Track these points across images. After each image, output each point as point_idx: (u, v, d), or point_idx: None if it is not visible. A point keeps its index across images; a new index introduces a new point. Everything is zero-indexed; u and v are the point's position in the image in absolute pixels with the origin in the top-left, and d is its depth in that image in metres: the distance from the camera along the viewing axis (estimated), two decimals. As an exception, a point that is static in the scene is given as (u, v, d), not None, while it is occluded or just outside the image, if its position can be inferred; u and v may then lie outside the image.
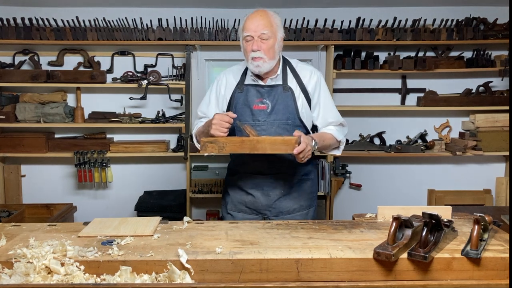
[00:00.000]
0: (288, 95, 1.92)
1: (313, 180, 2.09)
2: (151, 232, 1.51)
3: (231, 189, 2.07)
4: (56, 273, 1.23)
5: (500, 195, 3.78)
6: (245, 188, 2.00)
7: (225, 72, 2.06)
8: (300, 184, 2.01)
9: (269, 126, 1.89)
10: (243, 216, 2.01)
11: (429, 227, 1.32)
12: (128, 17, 3.47)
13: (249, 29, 1.84)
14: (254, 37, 1.84)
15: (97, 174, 3.59)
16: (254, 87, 1.94)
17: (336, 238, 1.46)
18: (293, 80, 1.95)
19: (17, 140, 3.52)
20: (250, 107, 1.91)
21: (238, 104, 1.94)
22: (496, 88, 3.72)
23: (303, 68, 2.00)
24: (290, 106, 1.91)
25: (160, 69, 3.58)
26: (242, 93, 1.94)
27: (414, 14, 3.56)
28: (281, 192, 1.98)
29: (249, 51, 1.85)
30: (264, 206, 1.98)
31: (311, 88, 1.96)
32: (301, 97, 1.94)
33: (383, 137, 3.78)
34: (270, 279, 1.27)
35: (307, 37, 3.48)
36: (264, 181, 1.97)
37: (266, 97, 1.92)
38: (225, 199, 2.10)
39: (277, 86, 1.93)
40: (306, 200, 2.04)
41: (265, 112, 1.90)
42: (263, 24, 1.84)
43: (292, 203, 2.00)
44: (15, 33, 3.40)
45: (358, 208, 2.62)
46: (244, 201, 2.02)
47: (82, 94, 3.61)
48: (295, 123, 1.92)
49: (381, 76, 3.74)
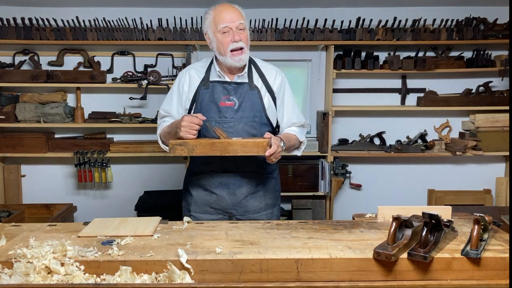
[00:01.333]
0: (255, 93, 1.91)
1: (276, 178, 2.08)
2: (151, 232, 1.51)
3: (194, 189, 2.01)
4: (56, 273, 1.23)
5: (500, 195, 3.78)
6: (209, 187, 1.95)
7: (187, 69, 2.01)
8: (265, 183, 2.00)
9: (236, 123, 1.87)
10: (207, 217, 1.95)
11: (429, 227, 1.32)
12: (128, 17, 3.47)
13: (226, 20, 1.80)
14: (232, 28, 1.80)
15: (97, 174, 3.59)
16: (220, 84, 1.91)
17: (336, 238, 1.46)
18: (259, 79, 1.94)
19: (17, 140, 3.52)
20: (217, 104, 1.88)
21: (204, 100, 1.89)
22: (496, 88, 3.72)
23: (268, 68, 1.99)
24: (257, 104, 1.90)
25: (160, 69, 3.58)
26: (207, 89, 1.90)
27: (414, 14, 3.56)
28: (248, 190, 1.95)
29: (228, 43, 1.81)
30: (230, 205, 1.95)
31: (277, 88, 1.96)
32: (267, 95, 1.94)
33: (383, 137, 3.78)
34: (270, 279, 1.27)
35: (307, 37, 3.48)
36: (231, 179, 1.93)
37: (233, 94, 1.89)
38: (187, 200, 2.05)
39: (244, 83, 1.91)
40: (271, 198, 2.03)
41: (232, 109, 1.88)
42: (237, 15, 1.82)
43: (258, 202, 1.98)
44: (15, 33, 3.40)
45: (358, 208, 2.61)
46: (208, 201, 1.97)
47: (82, 94, 3.61)
48: (262, 121, 1.91)
49: (381, 76, 3.74)
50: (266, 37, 3.48)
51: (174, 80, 3.54)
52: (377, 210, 1.70)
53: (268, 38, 3.48)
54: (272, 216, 2.03)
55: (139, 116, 3.64)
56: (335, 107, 3.59)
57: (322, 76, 3.73)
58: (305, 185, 3.53)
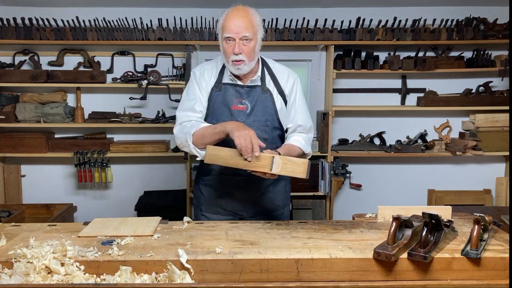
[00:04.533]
0: (267, 96, 1.89)
1: (286, 179, 2.06)
2: (151, 232, 1.51)
3: (205, 189, 1.98)
4: (56, 273, 1.23)
5: (500, 195, 3.78)
6: (221, 189, 1.94)
7: (201, 67, 1.95)
8: (275, 184, 1.99)
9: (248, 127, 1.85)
10: (218, 218, 1.93)
11: (429, 227, 1.32)
12: (128, 17, 3.47)
13: (230, 30, 1.75)
14: (235, 39, 1.75)
15: (97, 174, 3.59)
16: (232, 87, 1.88)
17: (336, 238, 1.46)
18: (271, 82, 1.92)
19: (17, 140, 3.52)
20: (229, 107, 1.86)
21: (216, 103, 1.87)
22: (496, 88, 3.72)
23: (280, 69, 1.96)
24: (269, 108, 1.88)
25: (160, 69, 3.58)
26: (220, 91, 1.87)
27: (414, 14, 3.55)
28: (258, 193, 1.94)
29: (229, 53, 1.78)
30: (241, 207, 1.94)
31: (288, 91, 1.93)
32: (279, 99, 1.91)
33: (383, 137, 3.78)
34: (270, 279, 1.27)
35: (307, 37, 3.48)
36: (241, 182, 1.91)
37: (245, 97, 1.87)
38: (199, 200, 2.02)
39: (256, 87, 1.89)
40: (281, 200, 2.02)
41: (244, 113, 1.86)
42: (245, 26, 1.75)
43: (268, 203, 1.97)
44: (15, 33, 3.40)
45: (358, 208, 2.62)
46: (220, 202, 1.95)
47: (82, 94, 3.61)
48: (273, 125, 1.89)
49: (381, 76, 3.74)
50: (266, 37, 3.48)
51: (174, 80, 3.58)
52: (377, 210, 1.70)
53: (268, 38, 3.48)
54: (282, 217, 2.01)
55: (139, 116, 3.64)
56: (335, 107, 3.59)
57: (322, 76, 3.73)
58: (305, 185, 3.53)
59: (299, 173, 1.59)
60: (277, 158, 1.59)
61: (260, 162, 1.59)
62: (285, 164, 1.59)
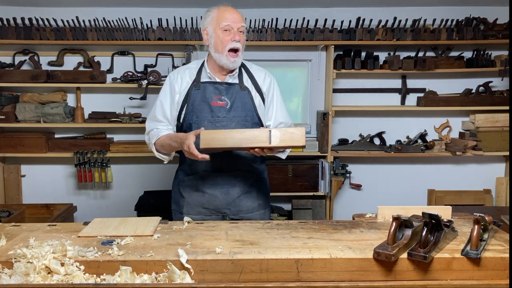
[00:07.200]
0: (245, 93, 1.94)
1: (266, 180, 2.10)
2: (151, 232, 1.51)
3: (185, 191, 2.00)
4: (56, 273, 1.23)
5: (500, 195, 3.78)
6: (202, 188, 1.96)
7: (177, 70, 2.02)
8: (258, 183, 2.03)
9: (228, 123, 1.90)
10: (201, 218, 1.93)
11: (429, 227, 1.32)
12: (128, 17, 3.47)
13: (229, 19, 1.85)
14: (233, 28, 1.85)
15: (97, 174, 3.59)
16: (211, 84, 1.93)
17: (336, 238, 1.46)
18: (249, 80, 1.98)
19: (17, 140, 3.52)
20: (209, 104, 1.91)
21: (196, 101, 1.91)
22: (496, 88, 3.72)
23: (257, 69, 2.04)
24: (248, 104, 1.93)
25: (160, 69, 3.58)
26: (199, 90, 1.92)
27: (414, 14, 3.55)
28: (241, 190, 1.97)
29: (227, 41, 1.85)
30: (224, 204, 1.96)
31: (266, 89, 2.00)
32: (257, 96, 1.97)
33: (383, 137, 3.78)
34: (270, 279, 1.27)
35: (307, 37, 3.48)
36: (223, 179, 1.95)
37: (225, 94, 1.92)
38: (178, 203, 2.03)
39: (234, 84, 1.95)
40: (264, 199, 2.05)
41: (224, 109, 1.91)
42: (240, 18, 1.88)
43: (251, 201, 2.00)
44: (15, 33, 3.40)
45: (358, 208, 2.62)
46: (201, 202, 1.97)
47: (82, 94, 3.61)
48: (253, 120, 1.94)
49: (381, 76, 3.74)
50: (266, 37, 3.48)
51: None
52: (377, 210, 1.70)
53: (268, 38, 3.48)
54: (264, 217, 2.04)
55: (139, 116, 3.64)
56: (335, 107, 3.59)
57: (322, 76, 3.73)
58: (305, 185, 3.53)
59: (297, 141, 1.65)
60: (274, 130, 1.67)
61: (258, 138, 1.66)
62: (283, 135, 1.66)
